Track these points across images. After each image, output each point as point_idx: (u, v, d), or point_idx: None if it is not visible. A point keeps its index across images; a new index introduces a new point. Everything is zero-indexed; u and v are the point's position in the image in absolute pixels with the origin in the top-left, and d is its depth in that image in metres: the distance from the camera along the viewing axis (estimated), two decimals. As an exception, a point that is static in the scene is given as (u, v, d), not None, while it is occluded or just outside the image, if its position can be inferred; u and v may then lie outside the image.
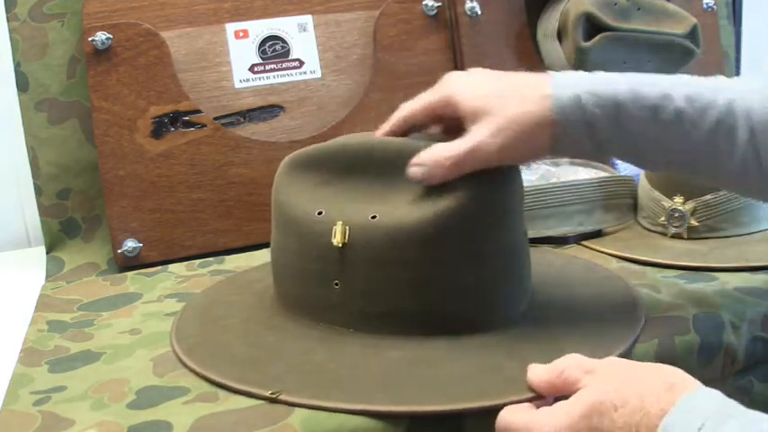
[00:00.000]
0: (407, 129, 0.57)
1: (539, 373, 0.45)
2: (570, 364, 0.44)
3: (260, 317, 0.59)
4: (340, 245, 0.53)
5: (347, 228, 0.53)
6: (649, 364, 0.42)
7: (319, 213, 0.54)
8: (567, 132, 0.50)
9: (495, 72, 0.54)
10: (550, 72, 0.53)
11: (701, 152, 0.51)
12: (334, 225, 0.53)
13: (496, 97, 0.51)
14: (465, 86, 0.53)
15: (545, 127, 0.50)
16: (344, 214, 0.53)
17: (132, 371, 0.53)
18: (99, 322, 0.64)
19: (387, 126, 0.57)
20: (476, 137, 0.50)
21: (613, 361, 0.44)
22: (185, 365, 0.53)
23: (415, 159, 0.52)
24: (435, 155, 0.51)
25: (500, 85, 0.52)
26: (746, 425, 0.35)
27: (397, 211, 0.52)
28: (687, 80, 0.52)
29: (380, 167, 0.55)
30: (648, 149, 0.52)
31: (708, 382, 0.55)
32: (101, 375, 0.53)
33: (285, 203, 0.57)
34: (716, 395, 0.38)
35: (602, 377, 0.42)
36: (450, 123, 0.55)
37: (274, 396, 0.47)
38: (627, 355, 0.51)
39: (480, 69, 0.55)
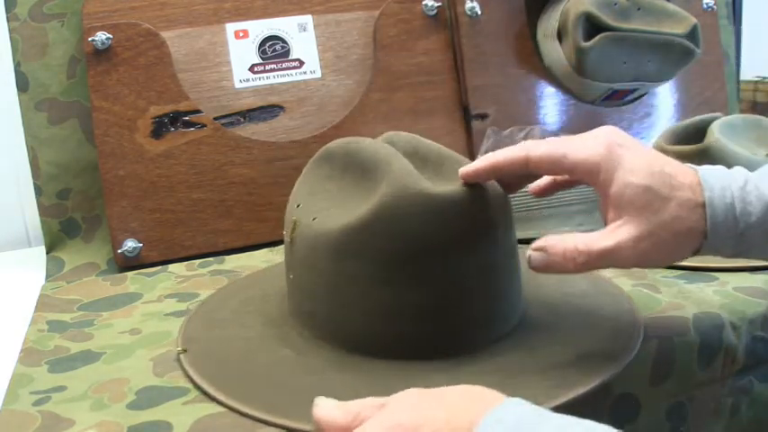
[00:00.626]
0: (523, 173, 0.51)
1: (330, 411, 0.40)
2: (366, 404, 0.40)
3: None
4: (288, 239, 0.55)
5: (297, 224, 0.54)
6: (445, 388, 0.39)
7: (298, 206, 0.56)
8: (715, 243, 0.46)
9: (650, 152, 0.48)
10: (699, 170, 0.47)
11: None
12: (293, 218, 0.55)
13: (654, 195, 0.45)
14: (624, 166, 0.46)
15: (694, 237, 0.46)
16: (305, 211, 0.55)
17: (132, 371, 0.53)
18: (99, 322, 0.64)
19: (496, 159, 0.50)
20: (619, 237, 0.45)
21: (408, 390, 0.40)
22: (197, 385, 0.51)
23: (540, 244, 0.48)
24: (567, 246, 0.46)
25: (656, 177, 0.46)
26: (561, 427, 0.34)
27: (337, 218, 0.52)
28: None
29: (365, 171, 0.54)
30: None
31: (708, 382, 0.56)
32: (101, 375, 0.53)
33: (293, 192, 0.58)
34: (526, 404, 0.35)
35: (397, 403, 0.38)
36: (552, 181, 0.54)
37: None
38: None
39: (636, 144, 0.48)
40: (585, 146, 0.47)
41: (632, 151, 0.47)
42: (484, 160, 0.50)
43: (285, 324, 0.58)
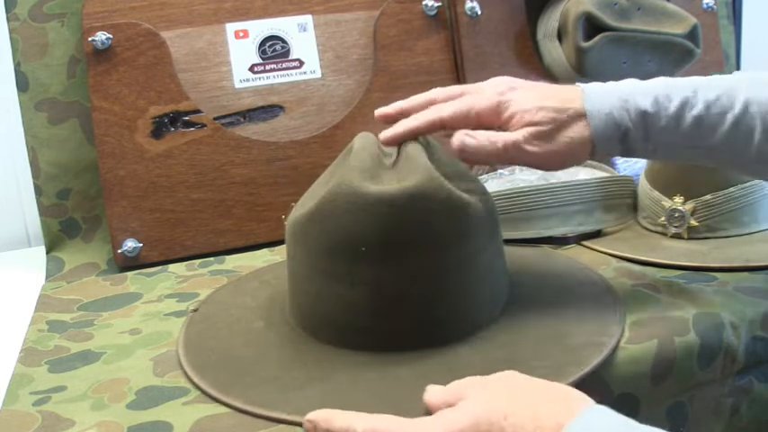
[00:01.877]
0: (436, 129, 0.58)
1: (437, 394, 0.43)
2: (467, 383, 0.42)
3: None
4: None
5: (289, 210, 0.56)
6: (544, 380, 0.41)
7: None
8: (603, 145, 0.55)
9: (538, 84, 0.57)
10: (580, 86, 0.56)
11: (722, 151, 0.54)
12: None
13: (545, 111, 0.54)
14: (517, 101, 0.55)
15: (584, 143, 0.54)
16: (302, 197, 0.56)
17: (132, 371, 0.53)
18: (99, 322, 0.64)
19: (416, 124, 0.57)
20: (524, 133, 0.54)
21: (508, 373, 0.43)
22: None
23: (465, 131, 0.55)
24: (489, 135, 0.54)
25: (546, 99, 0.55)
26: None
27: (301, 206, 0.54)
28: (707, 84, 0.55)
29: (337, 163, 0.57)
30: (673, 152, 0.56)
31: (708, 382, 0.56)
32: (101, 375, 0.53)
33: None
34: (612, 413, 0.36)
35: (493, 388, 0.41)
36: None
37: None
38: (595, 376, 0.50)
39: (520, 81, 0.58)
40: (483, 95, 0.56)
41: (523, 88, 0.56)
42: (402, 125, 0.57)
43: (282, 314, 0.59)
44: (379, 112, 0.60)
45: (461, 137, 0.54)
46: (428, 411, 0.43)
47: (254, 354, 0.54)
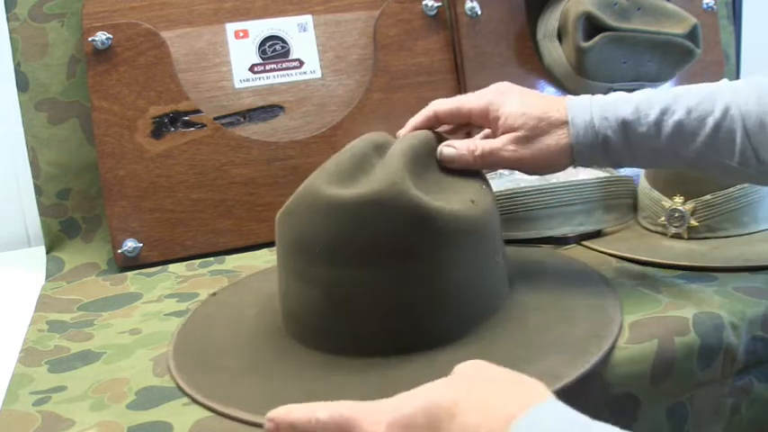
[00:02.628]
0: (434, 126, 0.63)
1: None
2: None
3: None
4: None
5: None
6: (508, 371, 0.40)
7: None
8: (585, 153, 0.57)
9: (529, 92, 0.61)
10: (568, 97, 0.59)
11: (704, 156, 0.56)
12: None
13: (527, 117, 0.57)
14: (506, 104, 0.59)
15: (564, 149, 0.57)
16: None
17: (132, 371, 0.53)
18: (99, 322, 0.64)
19: (414, 120, 0.63)
20: (503, 139, 0.58)
21: (473, 362, 0.42)
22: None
23: (448, 142, 0.59)
24: (468, 144, 0.58)
25: (531, 106, 0.58)
26: None
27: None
28: (688, 91, 0.56)
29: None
30: (656, 158, 0.58)
31: (708, 382, 0.56)
32: (101, 375, 0.53)
33: None
34: (565, 409, 0.36)
35: (454, 375, 0.41)
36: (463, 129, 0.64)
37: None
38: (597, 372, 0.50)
39: (514, 87, 0.61)
40: (478, 96, 0.61)
41: (513, 93, 0.60)
42: (407, 127, 0.63)
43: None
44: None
45: (441, 147, 0.59)
46: None
47: (230, 344, 0.56)
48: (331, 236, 0.50)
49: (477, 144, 0.58)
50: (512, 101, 0.59)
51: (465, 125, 0.64)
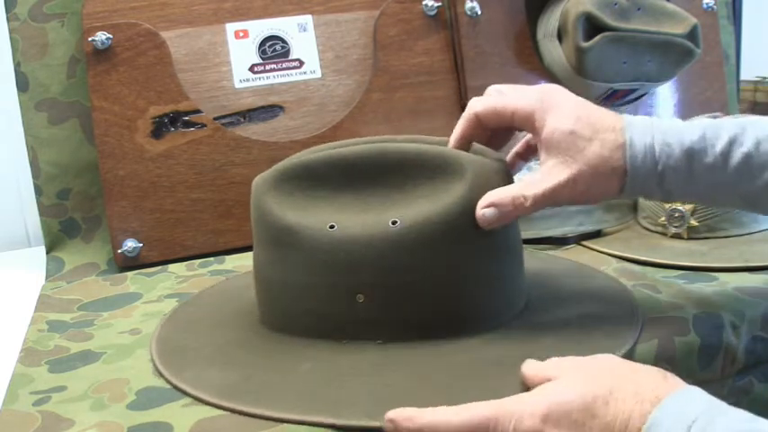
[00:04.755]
0: (478, 130, 0.56)
1: (535, 368, 0.45)
2: (566, 361, 0.44)
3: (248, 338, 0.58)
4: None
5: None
6: (637, 363, 0.43)
7: (331, 227, 0.53)
8: (638, 181, 0.51)
9: (581, 102, 0.53)
10: (625, 116, 0.52)
11: (765, 193, 0.51)
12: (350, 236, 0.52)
13: (578, 137, 0.51)
14: (554, 114, 0.52)
15: (618, 176, 0.51)
16: (360, 224, 0.52)
17: (132, 371, 0.53)
18: (99, 322, 0.64)
19: (459, 129, 0.56)
20: (555, 179, 0.51)
21: (605, 355, 0.44)
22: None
23: (487, 200, 0.51)
24: (514, 195, 0.51)
25: (582, 122, 0.51)
26: (736, 423, 0.36)
27: (418, 213, 0.52)
28: (757, 121, 0.52)
29: (385, 174, 0.54)
30: (714, 193, 0.52)
31: (708, 382, 0.55)
32: (101, 375, 0.53)
33: (282, 219, 0.54)
34: (705, 394, 0.38)
35: (593, 365, 0.42)
36: (503, 132, 0.58)
37: None
38: (628, 355, 0.51)
39: (567, 95, 0.54)
40: (523, 97, 0.53)
41: (564, 102, 0.53)
42: (453, 138, 0.56)
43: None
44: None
45: (480, 212, 0.51)
46: (524, 385, 0.44)
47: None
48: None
49: (524, 194, 0.51)
50: (560, 111, 0.52)
51: (506, 129, 0.57)
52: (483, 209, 0.51)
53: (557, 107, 0.52)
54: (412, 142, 0.57)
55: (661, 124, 0.52)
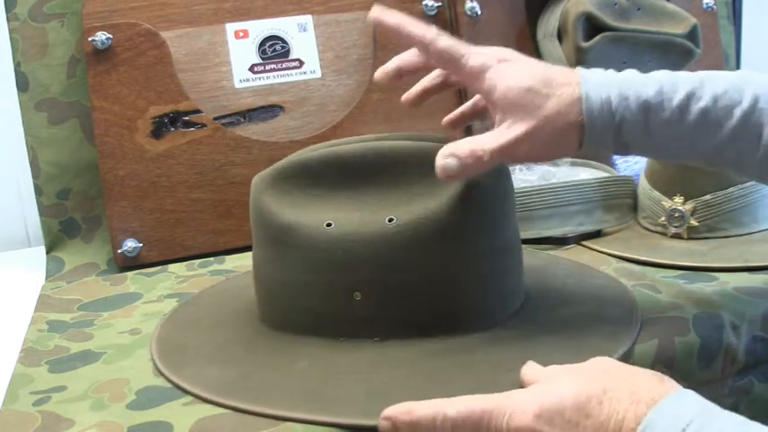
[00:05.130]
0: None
1: (535, 371, 0.45)
2: (566, 367, 0.44)
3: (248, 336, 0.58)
4: None
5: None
6: (634, 366, 0.43)
7: (328, 225, 0.53)
8: (595, 134, 0.50)
9: (533, 61, 0.53)
10: (580, 70, 0.52)
11: (723, 150, 0.51)
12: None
13: (535, 94, 0.50)
14: (507, 73, 0.51)
15: (575, 129, 0.50)
16: (357, 222, 0.52)
17: (132, 371, 0.53)
18: (99, 322, 0.64)
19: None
20: (511, 134, 0.50)
21: (602, 358, 0.44)
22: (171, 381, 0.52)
23: (447, 150, 0.50)
24: (472, 147, 0.50)
25: (538, 78, 0.50)
26: (729, 427, 0.36)
27: (414, 211, 0.52)
28: (714, 77, 0.51)
29: (381, 172, 0.54)
30: (673, 148, 0.52)
31: (708, 382, 0.55)
32: (101, 375, 0.53)
33: (279, 218, 0.54)
34: (700, 398, 0.38)
35: (589, 367, 0.42)
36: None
37: None
38: (629, 352, 0.51)
39: (518, 56, 0.54)
40: (481, 54, 0.52)
41: (518, 62, 0.52)
42: (395, 18, 0.52)
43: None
44: (379, 73, 0.58)
45: (441, 162, 0.50)
46: (521, 386, 0.44)
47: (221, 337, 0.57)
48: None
49: (483, 147, 0.50)
50: (513, 70, 0.51)
51: (444, 83, 0.59)
52: (445, 158, 0.50)
53: (512, 68, 0.51)
54: (409, 140, 0.57)
55: (617, 77, 0.51)
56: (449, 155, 0.50)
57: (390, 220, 0.52)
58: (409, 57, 0.58)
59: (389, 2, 0.91)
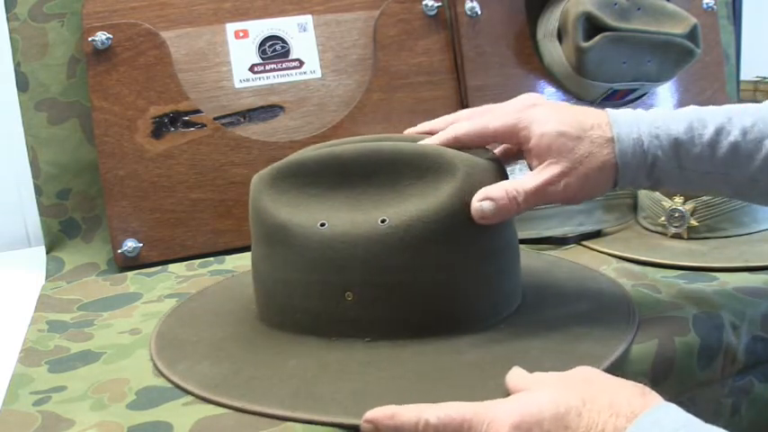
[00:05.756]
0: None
1: (519, 379, 0.44)
2: (549, 375, 0.44)
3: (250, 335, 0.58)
4: None
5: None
6: (616, 377, 0.42)
7: (321, 225, 0.53)
8: (629, 173, 0.52)
9: (561, 105, 0.55)
10: (607, 110, 0.53)
11: (755, 181, 0.52)
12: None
13: (567, 138, 0.51)
14: (537, 121, 0.53)
15: (608, 170, 0.52)
16: (350, 222, 0.52)
17: (132, 371, 0.53)
18: (99, 322, 0.64)
19: (437, 139, 0.56)
20: (545, 176, 0.51)
21: (584, 368, 0.44)
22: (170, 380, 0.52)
23: (483, 194, 0.51)
24: (507, 189, 0.51)
25: (568, 122, 0.52)
26: None
27: (406, 212, 0.52)
28: (741, 111, 0.52)
29: (378, 173, 0.54)
30: (706, 182, 0.53)
31: (708, 382, 0.56)
32: (101, 375, 0.53)
33: (275, 217, 0.55)
34: (681, 411, 0.38)
35: (570, 378, 0.42)
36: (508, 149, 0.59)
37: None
38: (623, 357, 0.51)
39: (545, 100, 0.56)
40: (503, 112, 0.54)
41: (544, 107, 0.54)
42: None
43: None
44: (407, 132, 0.60)
45: (476, 204, 0.51)
46: (507, 394, 0.44)
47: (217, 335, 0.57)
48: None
49: (517, 189, 0.51)
50: (543, 117, 0.53)
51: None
52: (480, 201, 0.51)
53: (539, 113, 0.53)
54: (407, 140, 0.57)
55: (646, 116, 0.53)
56: (484, 198, 0.51)
57: (383, 221, 0.51)
58: (440, 126, 0.58)
59: (390, 2, 0.92)
